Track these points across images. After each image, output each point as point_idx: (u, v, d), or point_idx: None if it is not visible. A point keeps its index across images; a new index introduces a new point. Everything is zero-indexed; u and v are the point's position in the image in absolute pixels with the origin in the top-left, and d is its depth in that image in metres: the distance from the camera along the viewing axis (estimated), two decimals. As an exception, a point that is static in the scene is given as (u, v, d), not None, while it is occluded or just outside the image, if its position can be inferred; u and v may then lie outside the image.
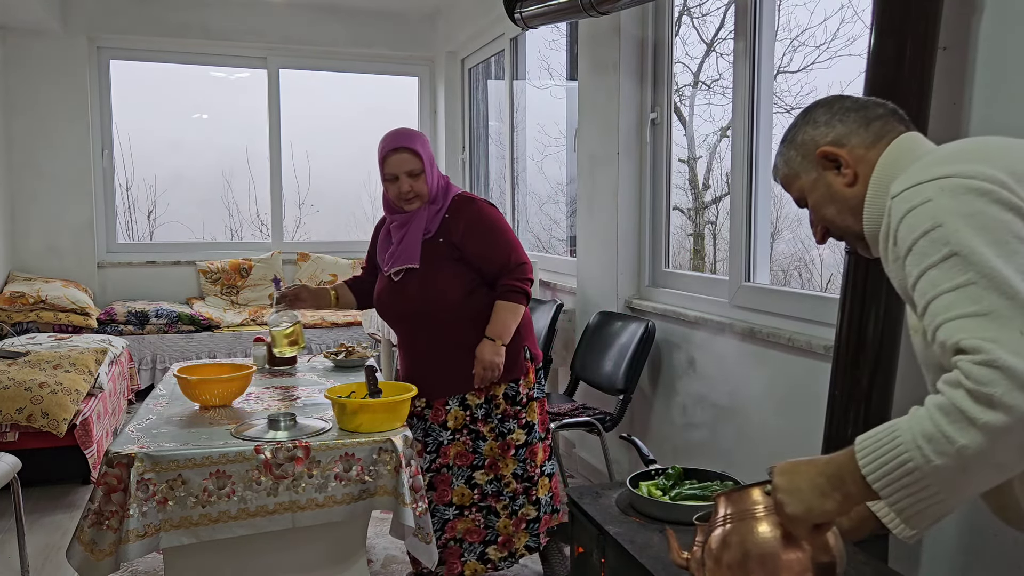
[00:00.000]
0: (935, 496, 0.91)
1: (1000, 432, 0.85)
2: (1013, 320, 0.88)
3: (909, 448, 0.91)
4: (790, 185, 1.25)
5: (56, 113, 5.36)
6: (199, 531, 2.11)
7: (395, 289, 2.43)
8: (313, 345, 5.35)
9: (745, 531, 1.15)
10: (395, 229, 2.44)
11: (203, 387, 2.53)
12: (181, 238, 6.04)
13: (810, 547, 1.12)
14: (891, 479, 0.92)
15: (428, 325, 2.42)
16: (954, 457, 0.88)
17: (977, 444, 0.86)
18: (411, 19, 6.07)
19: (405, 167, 2.33)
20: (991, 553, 1.78)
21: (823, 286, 3.17)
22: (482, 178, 6.01)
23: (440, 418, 2.47)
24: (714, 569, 1.19)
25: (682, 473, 1.86)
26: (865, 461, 0.95)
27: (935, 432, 0.89)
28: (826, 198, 1.20)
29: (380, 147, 2.39)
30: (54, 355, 3.74)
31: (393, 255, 2.42)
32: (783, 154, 1.25)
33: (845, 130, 1.17)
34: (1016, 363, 0.85)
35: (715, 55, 3.44)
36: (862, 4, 2.55)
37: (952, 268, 0.93)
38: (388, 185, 2.38)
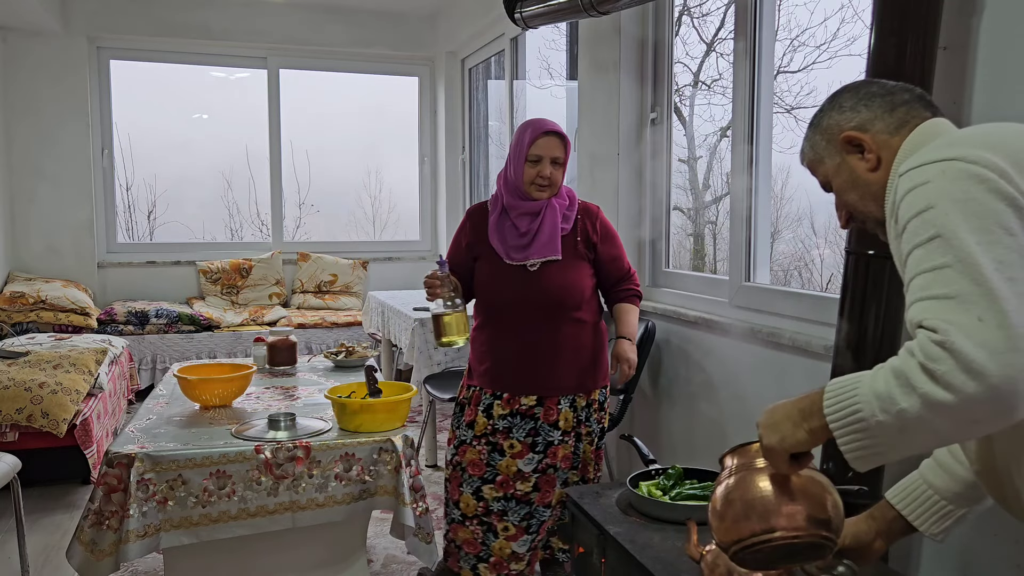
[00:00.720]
0: (876, 447, 0.99)
1: (936, 405, 0.91)
2: (975, 306, 0.91)
3: (862, 400, 0.98)
4: (815, 170, 1.26)
5: (56, 113, 5.36)
6: (199, 531, 2.11)
7: (529, 278, 2.34)
8: (313, 345, 5.35)
9: (745, 484, 1.19)
10: (519, 218, 2.35)
11: (203, 387, 2.53)
12: (181, 238, 6.04)
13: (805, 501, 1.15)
14: (843, 424, 1.01)
15: (557, 318, 2.35)
16: (895, 417, 0.95)
17: (915, 410, 0.93)
18: (411, 19, 6.08)
19: (553, 152, 2.31)
20: (991, 553, 1.78)
21: (823, 286, 3.17)
22: (482, 178, 6.00)
23: (552, 418, 2.38)
24: (718, 526, 1.21)
25: (682, 473, 1.86)
26: (828, 403, 1.04)
27: (884, 391, 0.96)
28: (849, 183, 1.21)
29: (528, 129, 2.32)
30: (54, 355, 3.74)
31: (532, 244, 2.33)
32: (809, 138, 1.26)
33: (870, 115, 1.18)
34: (965, 347, 0.90)
35: (715, 55, 3.43)
36: (862, 4, 2.55)
37: (934, 250, 0.97)
38: (527, 167, 2.31)
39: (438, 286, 2.26)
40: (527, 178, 2.32)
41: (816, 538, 1.15)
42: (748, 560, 1.19)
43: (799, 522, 1.14)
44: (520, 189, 2.34)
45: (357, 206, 6.62)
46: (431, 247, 6.46)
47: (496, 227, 2.38)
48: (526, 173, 2.32)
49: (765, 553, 1.16)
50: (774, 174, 2.83)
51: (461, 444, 2.43)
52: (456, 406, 2.53)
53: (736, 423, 2.65)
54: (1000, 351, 0.89)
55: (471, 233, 2.44)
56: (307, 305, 5.85)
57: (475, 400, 2.43)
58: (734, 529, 1.17)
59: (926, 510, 1.28)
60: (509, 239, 2.36)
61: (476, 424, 2.40)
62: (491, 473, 2.39)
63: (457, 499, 2.43)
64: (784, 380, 2.40)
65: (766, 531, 1.14)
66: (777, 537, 1.14)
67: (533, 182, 2.32)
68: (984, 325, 0.90)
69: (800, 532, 1.14)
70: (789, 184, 3.20)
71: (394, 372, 4.95)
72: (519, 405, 2.37)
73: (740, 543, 1.16)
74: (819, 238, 3.22)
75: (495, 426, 2.38)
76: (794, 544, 1.15)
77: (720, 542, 1.21)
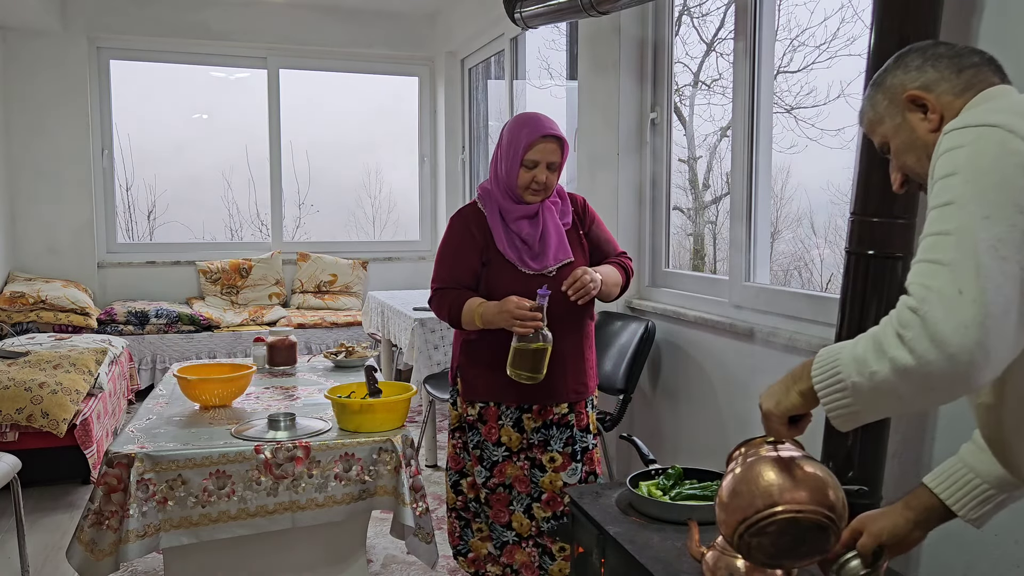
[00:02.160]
0: (852, 407, 1.04)
1: (901, 369, 0.96)
2: (960, 278, 0.94)
3: (843, 363, 1.04)
4: (874, 130, 1.24)
5: (56, 113, 5.35)
6: (199, 531, 2.11)
7: (549, 284, 2.16)
8: (313, 345, 5.35)
9: (750, 472, 1.21)
10: (517, 222, 2.22)
11: (203, 387, 2.53)
12: (181, 238, 6.04)
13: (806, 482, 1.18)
14: (825, 385, 1.07)
15: (579, 320, 2.25)
16: (867, 378, 1.00)
17: (883, 373, 0.98)
18: (411, 19, 6.08)
19: (550, 157, 2.17)
20: (992, 553, 1.78)
21: (823, 286, 3.17)
22: (482, 178, 6.01)
23: (583, 423, 2.30)
24: (725, 518, 1.22)
25: (682, 473, 1.86)
26: (815, 367, 1.10)
27: (861, 354, 1.01)
28: (908, 144, 1.18)
29: (524, 130, 2.17)
30: (54, 355, 3.74)
31: (546, 250, 2.22)
32: (871, 97, 1.23)
33: (936, 76, 1.16)
34: (936, 317, 0.94)
35: (715, 55, 3.43)
36: (862, 4, 2.55)
37: (945, 215, 0.99)
38: (522, 171, 2.17)
39: (539, 319, 2.04)
40: (521, 182, 2.19)
41: (819, 517, 1.16)
42: (754, 548, 1.19)
43: (803, 499, 1.17)
44: (513, 191, 2.22)
45: (357, 206, 6.62)
46: (431, 247, 6.46)
47: (503, 233, 2.23)
48: (521, 177, 2.19)
49: (770, 536, 1.17)
50: (774, 174, 2.83)
51: (494, 464, 2.26)
52: (458, 429, 2.33)
53: (736, 423, 2.65)
54: (967, 325, 0.92)
55: (480, 238, 2.24)
56: (307, 305, 5.85)
57: (492, 416, 2.26)
58: (739, 511, 1.19)
59: (966, 494, 1.26)
60: (519, 246, 2.22)
61: (511, 439, 2.25)
62: (537, 490, 2.25)
63: (508, 520, 2.27)
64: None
65: (769, 506, 1.16)
66: (780, 511, 1.16)
67: (528, 187, 2.19)
68: (961, 298, 0.93)
69: (803, 507, 1.16)
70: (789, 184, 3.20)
71: (394, 372, 4.95)
72: (552, 415, 2.25)
73: (745, 522, 1.18)
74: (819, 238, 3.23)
75: (530, 440, 2.25)
76: (798, 521, 1.16)
77: (726, 532, 1.22)
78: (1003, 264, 0.93)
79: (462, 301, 2.19)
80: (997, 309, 0.92)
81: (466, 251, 2.24)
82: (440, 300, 2.24)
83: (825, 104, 2.82)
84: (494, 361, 2.17)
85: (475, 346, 2.26)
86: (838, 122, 2.73)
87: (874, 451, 1.89)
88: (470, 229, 2.26)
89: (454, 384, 2.36)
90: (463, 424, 2.34)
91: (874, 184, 1.82)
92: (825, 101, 2.82)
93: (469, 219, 2.28)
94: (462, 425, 2.34)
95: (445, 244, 2.30)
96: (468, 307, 2.17)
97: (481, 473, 2.27)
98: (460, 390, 2.33)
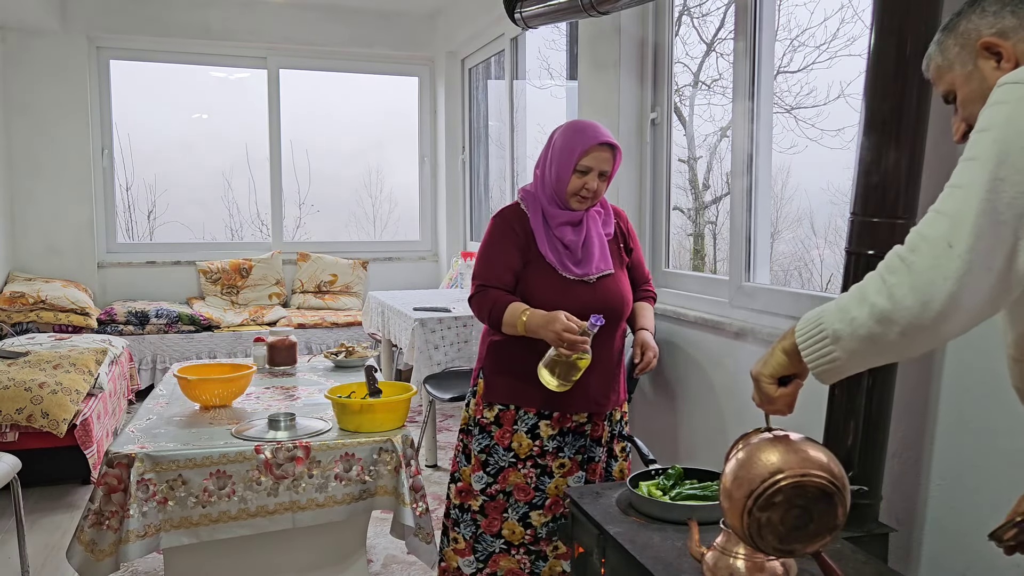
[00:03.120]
0: (832, 355, 1.06)
1: (880, 314, 0.98)
2: (955, 231, 0.95)
3: (826, 315, 1.07)
4: (940, 77, 1.19)
5: (56, 113, 5.35)
6: (199, 531, 2.11)
7: (588, 292, 2.16)
8: (313, 345, 5.35)
9: (750, 456, 1.23)
10: (560, 228, 2.17)
11: (203, 387, 2.53)
12: (181, 238, 6.04)
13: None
14: (806, 336, 1.09)
15: (612, 331, 2.21)
16: (847, 324, 1.03)
17: (863, 318, 1.00)
18: (411, 19, 6.08)
19: (603, 166, 2.12)
20: (993, 553, 1.78)
21: (823, 286, 3.17)
22: (482, 178, 6.01)
23: (598, 433, 2.25)
24: (729, 506, 1.23)
25: (682, 473, 1.86)
26: (799, 324, 1.12)
27: (845, 303, 1.04)
28: (978, 94, 1.12)
29: (580, 136, 2.12)
30: (54, 355, 3.74)
31: (589, 257, 2.18)
32: (940, 42, 1.18)
33: (1015, 22, 1.10)
34: (922, 265, 0.96)
35: (715, 55, 3.43)
36: (862, 4, 2.55)
37: (964, 169, 0.99)
38: (574, 176, 2.12)
39: (587, 344, 2.00)
40: (571, 188, 2.13)
41: (824, 482, 1.19)
42: (764, 526, 1.20)
43: (805, 466, 1.19)
44: (560, 196, 2.16)
45: (357, 206, 6.63)
46: (431, 247, 6.46)
47: (545, 236, 2.18)
48: (572, 183, 2.13)
49: (778, 509, 1.18)
50: (774, 174, 2.83)
51: (500, 470, 2.21)
52: (474, 427, 2.27)
53: (736, 423, 2.65)
54: (946, 277, 0.94)
55: (522, 237, 2.19)
56: (307, 305, 5.85)
57: (508, 420, 2.21)
58: (744, 487, 1.20)
59: None
60: (561, 250, 2.17)
61: (520, 446, 2.21)
62: (540, 499, 2.21)
63: (499, 529, 2.22)
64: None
65: (773, 474, 1.19)
66: (783, 478, 1.18)
67: (577, 193, 2.14)
68: (950, 251, 0.94)
69: (806, 471, 1.18)
70: (789, 184, 3.20)
71: (394, 372, 4.95)
72: (570, 422, 2.21)
73: (751, 495, 1.19)
74: (819, 238, 3.22)
75: (544, 448, 2.20)
76: (804, 488, 1.18)
77: (734, 520, 1.23)
78: (999, 228, 0.94)
79: (505, 303, 2.11)
80: (979, 268, 0.94)
81: (509, 248, 2.19)
82: (481, 300, 2.16)
83: (825, 104, 2.82)
84: (520, 365, 2.15)
85: (502, 348, 2.22)
86: (838, 122, 2.73)
87: (874, 451, 1.89)
88: (513, 227, 2.20)
89: (475, 384, 2.31)
90: (471, 427, 2.29)
91: (874, 184, 1.82)
92: (825, 101, 2.82)
93: (511, 218, 2.22)
94: (469, 428, 2.29)
95: (488, 242, 2.23)
96: (512, 311, 2.09)
97: (481, 479, 2.22)
98: (480, 391, 2.27)
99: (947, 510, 1.88)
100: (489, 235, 2.24)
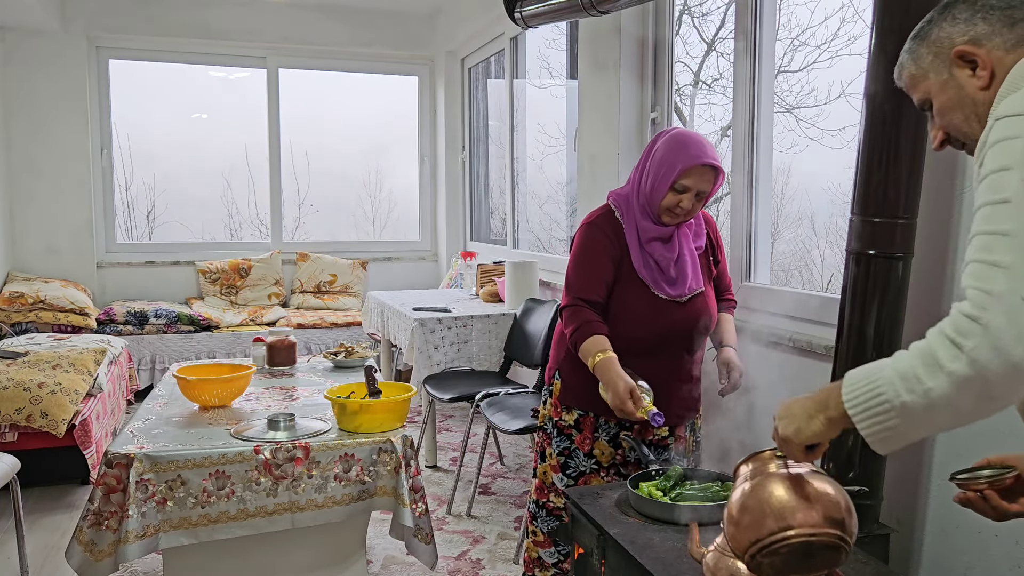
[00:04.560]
0: (898, 427, 0.99)
1: (962, 382, 0.91)
2: (1020, 282, 0.89)
3: (884, 383, 0.99)
4: (915, 86, 1.17)
5: (55, 113, 5.35)
6: (198, 532, 2.11)
7: (679, 310, 2.11)
8: (312, 345, 5.34)
9: (761, 489, 1.20)
10: (651, 243, 2.10)
11: (202, 387, 2.52)
12: (180, 238, 6.03)
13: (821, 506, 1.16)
14: (864, 408, 1.01)
15: (696, 346, 2.20)
16: (921, 396, 0.95)
17: (942, 388, 0.93)
18: (411, 18, 6.07)
19: (702, 186, 2.02)
20: (993, 554, 1.78)
21: (824, 286, 3.16)
22: (482, 178, 6.00)
23: (681, 446, 2.23)
24: (734, 532, 1.21)
25: (682, 473, 1.86)
26: (847, 391, 1.04)
27: (909, 371, 0.96)
28: (955, 102, 1.11)
29: (684, 152, 2.01)
30: (53, 355, 3.74)
31: (683, 277, 2.12)
32: (912, 51, 1.16)
33: (987, 29, 1.08)
34: (1000, 324, 0.89)
35: (715, 54, 3.43)
36: (862, 3, 2.54)
37: (1000, 214, 0.93)
38: (670, 193, 2.03)
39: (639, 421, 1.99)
40: (666, 203, 2.04)
41: (832, 538, 1.16)
42: (764, 566, 1.18)
43: (816, 520, 1.15)
44: (652, 208, 2.08)
45: (357, 206, 6.62)
46: (431, 247, 6.45)
47: (639, 251, 2.11)
48: (666, 198, 2.03)
49: (782, 556, 1.16)
50: (774, 174, 2.82)
51: (581, 474, 2.17)
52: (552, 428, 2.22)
53: (736, 423, 2.65)
54: None
55: (617, 250, 2.11)
56: (306, 305, 5.85)
57: (588, 426, 2.17)
58: (751, 531, 1.18)
59: None
60: (652, 267, 2.11)
61: (603, 454, 2.16)
62: None
63: None
64: (784, 380, 2.40)
65: (783, 529, 1.15)
66: (793, 535, 1.15)
67: (671, 210, 2.05)
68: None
69: (816, 530, 1.15)
70: (789, 184, 3.20)
71: (393, 372, 4.95)
72: (652, 436, 2.17)
73: (757, 543, 1.17)
74: (819, 238, 3.22)
75: (626, 457, 2.16)
76: (810, 543, 1.15)
77: (736, 549, 1.21)
78: None
79: (589, 333, 2.04)
80: None
81: (604, 262, 2.11)
82: (571, 316, 2.08)
83: (826, 104, 2.81)
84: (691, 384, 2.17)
85: None
86: (839, 122, 2.73)
87: (875, 452, 1.88)
88: (609, 239, 2.11)
89: (550, 384, 2.27)
90: (547, 426, 2.25)
91: (875, 184, 1.81)
92: (826, 101, 2.82)
93: (606, 228, 2.13)
94: (545, 427, 2.25)
95: (583, 250, 2.14)
96: (592, 345, 2.02)
97: (561, 480, 2.19)
98: (557, 392, 2.22)
99: (948, 511, 1.88)
100: (583, 244, 2.15)
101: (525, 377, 4.01)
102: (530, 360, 3.56)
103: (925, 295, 1.91)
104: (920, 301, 1.91)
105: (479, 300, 4.36)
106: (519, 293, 3.92)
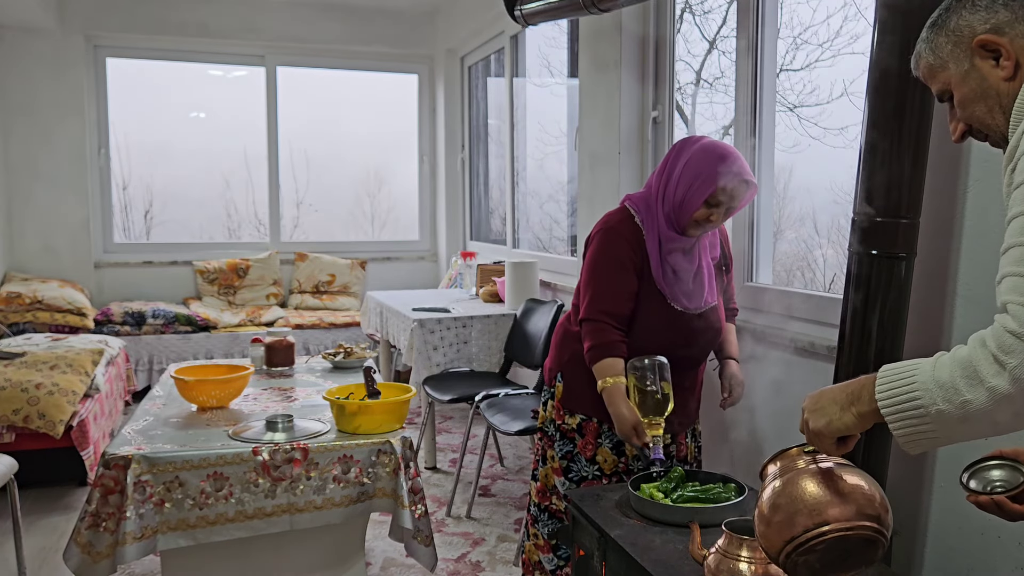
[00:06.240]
0: (931, 433, 0.98)
1: (1003, 398, 0.90)
2: None
3: (921, 388, 0.97)
4: (933, 76, 1.13)
5: (52, 112, 5.33)
6: (196, 533, 2.09)
7: (692, 322, 2.10)
8: (311, 346, 5.33)
9: (792, 486, 1.17)
10: (672, 254, 2.07)
11: (200, 388, 2.51)
12: (178, 238, 6.01)
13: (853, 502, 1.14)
14: (898, 409, 1.00)
15: (705, 356, 2.22)
16: (958, 407, 0.94)
17: (980, 402, 0.92)
18: (410, 16, 6.06)
19: (736, 202, 2.00)
20: (994, 555, 1.76)
21: (826, 286, 3.15)
22: (482, 177, 5.99)
23: (682, 452, 2.24)
24: (766, 531, 1.18)
25: (684, 475, 1.85)
26: (881, 389, 1.02)
27: (948, 381, 0.95)
28: (977, 93, 1.07)
29: (722, 166, 1.96)
30: (51, 356, 3.72)
31: (700, 291, 2.11)
32: (929, 41, 1.12)
33: (1009, 16, 1.04)
34: None
35: (717, 53, 3.41)
36: (864, 2, 2.53)
37: None
38: (703, 207, 1.99)
39: None
40: (697, 216, 2.00)
41: (868, 531, 1.13)
42: (800, 565, 1.16)
43: (850, 514, 1.13)
44: (679, 218, 2.03)
45: (356, 205, 6.60)
46: (430, 246, 6.44)
47: (659, 261, 2.06)
48: (696, 211, 1.99)
49: (817, 553, 1.14)
50: (776, 173, 2.81)
51: (583, 479, 2.16)
52: (554, 431, 2.21)
53: (737, 423, 2.64)
54: None
55: (639, 258, 2.07)
56: (305, 305, 5.83)
57: (591, 432, 2.15)
58: (784, 529, 1.15)
59: None
60: (672, 279, 2.07)
61: (606, 461, 2.15)
62: None
63: None
64: (786, 381, 2.39)
65: (818, 525, 1.13)
66: (829, 530, 1.12)
67: (699, 222, 2.01)
68: None
69: (853, 524, 1.13)
70: (791, 184, 3.18)
71: (393, 373, 4.93)
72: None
73: (793, 542, 1.14)
74: (822, 238, 3.20)
75: (629, 466, 2.15)
76: (847, 538, 1.13)
77: (769, 549, 1.18)
78: None
79: (608, 355, 2.01)
80: None
81: (628, 273, 2.06)
82: (592, 334, 2.05)
83: (828, 103, 2.80)
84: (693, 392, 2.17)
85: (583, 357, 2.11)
86: (841, 121, 2.71)
87: (878, 451, 1.87)
88: (631, 247, 2.06)
89: (551, 385, 2.24)
90: (547, 428, 2.23)
91: (878, 184, 1.80)
92: (828, 100, 2.80)
93: (627, 235, 2.08)
94: (546, 429, 2.24)
95: (606, 258, 2.08)
96: (606, 367, 2.01)
97: (563, 484, 2.18)
98: (559, 395, 2.20)
99: (950, 513, 1.87)
100: (605, 251, 2.09)
101: (525, 378, 3.99)
102: (530, 361, 3.55)
103: (928, 295, 1.90)
104: (923, 301, 1.89)
105: (479, 300, 4.35)
106: (519, 293, 3.90)
